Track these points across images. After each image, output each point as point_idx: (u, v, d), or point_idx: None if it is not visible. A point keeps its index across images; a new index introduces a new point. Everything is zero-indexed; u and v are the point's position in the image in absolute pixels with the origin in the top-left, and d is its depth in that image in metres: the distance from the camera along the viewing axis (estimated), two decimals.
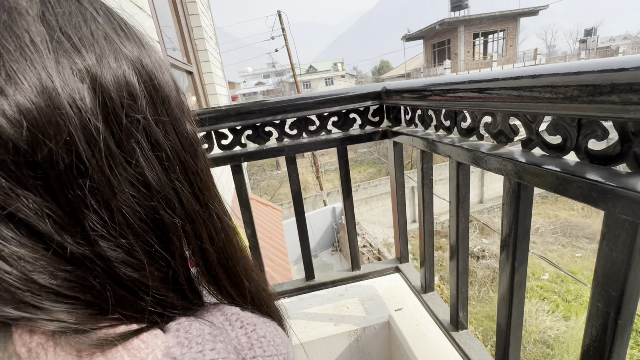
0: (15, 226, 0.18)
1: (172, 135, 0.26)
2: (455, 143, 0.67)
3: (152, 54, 0.26)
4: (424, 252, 0.96)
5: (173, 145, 0.26)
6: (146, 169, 0.23)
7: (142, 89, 0.23)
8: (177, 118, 0.26)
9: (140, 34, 0.26)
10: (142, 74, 0.24)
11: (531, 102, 0.44)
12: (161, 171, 0.24)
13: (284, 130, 0.96)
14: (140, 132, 0.23)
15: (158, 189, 0.24)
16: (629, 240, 0.36)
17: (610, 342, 0.41)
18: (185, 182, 0.26)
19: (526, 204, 0.53)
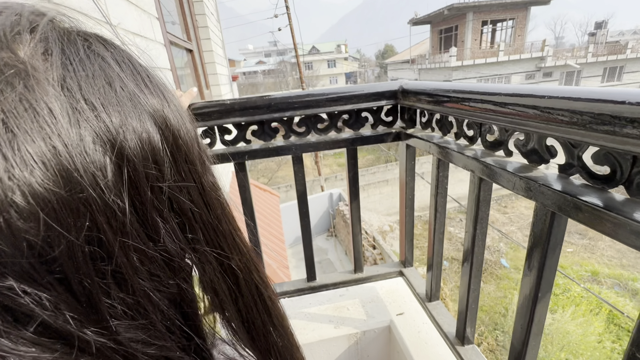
0: (28, 326, 0.16)
1: (197, 198, 0.23)
2: (479, 157, 0.63)
3: (172, 103, 0.23)
4: (432, 259, 0.93)
5: (197, 209, 0.23)
6: (169, 243, 0.21)
7: (166, 150, 0.21)
8: (199, 174, 0.24)
9: (162, 83, 0.24)
10: (166, 132, 0.21)
11: (584, 130, 0.39)
12: (184, 241, 0.22)
13: (292, 127, 0.91)
14: (164, 202, 0.21)
15: (180, 263, 0.22)
16: None
17: None
18: (208, 246, 0.24)
19: (558, 234, 0.49)
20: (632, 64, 18.40)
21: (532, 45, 18.09)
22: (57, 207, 0.15)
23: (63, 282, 0.16)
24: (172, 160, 0.21)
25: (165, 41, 2.10)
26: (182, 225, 0.22)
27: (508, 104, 0.50)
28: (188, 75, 3.43)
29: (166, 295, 0.21)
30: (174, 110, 0.23)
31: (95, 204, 0.17)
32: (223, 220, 0.25)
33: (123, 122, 0.19)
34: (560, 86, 0.43)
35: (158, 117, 0.21)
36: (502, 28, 18.38)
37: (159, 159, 0.20)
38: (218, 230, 0.25)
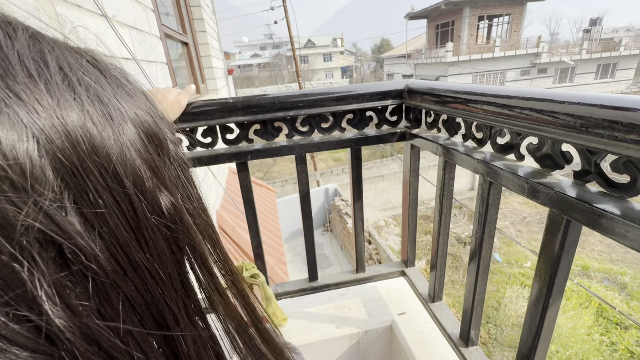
0: None
1: (121, 231, 0.18)
2: (488, 160, 0.62)
3: (95, 99, 0.18)
4: (436, 260, 0.93)
5: (119, 248, 0.18)
6: (50, 311, 0.15)
7: (48, 165, 0.16)
8: (131, 195, 0.18)
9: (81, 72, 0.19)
10: (54, 139, 0.16)
11: (604, 138, 0.38)
12: (88, 307, 0.16)
13: (295, 126, 0.89)
14: (34, 247, 0.15)
15: (76, 343, 0.16)
16: None
17: None
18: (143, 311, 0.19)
19: (572, 242, 0.48)
20: (625, 61, 18.59)
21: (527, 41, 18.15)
22: None
23: None
24: (66, 179, 0.16)
25: (160, 34, 2.05)
26: (79, 275, 0.16)
27: (524, 108, 0.49)
28: (183, 68, 3.36)
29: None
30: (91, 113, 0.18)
31: None
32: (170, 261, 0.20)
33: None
34: (578, 92, 0.42)
35: (44, 123, 0.16)
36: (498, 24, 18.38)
37: (24, 181, 0.15)
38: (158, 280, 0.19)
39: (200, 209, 0.24)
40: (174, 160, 0.22)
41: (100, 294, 0.16)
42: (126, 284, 0.17)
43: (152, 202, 0.19)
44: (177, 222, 0.21)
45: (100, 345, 0.16)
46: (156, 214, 0.19)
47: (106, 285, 0.16)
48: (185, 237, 0.21)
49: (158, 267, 0.19)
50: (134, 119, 0.19)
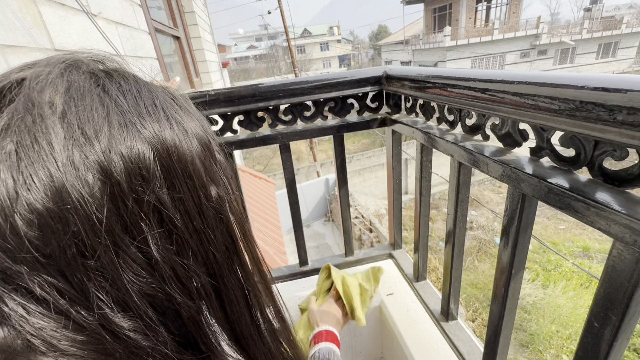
0: (38, 302, 0.21)
1: (191, 208, 0.26)
2: (458, 142, 0.64)
3: (176, 123, 0.27)
4: (419, 242, 0.96)
5: (190, 219, 0.26)
6: (154, 249, 0.24)
7: (157, 166, 0.24)
8: (197, 187, 0.27)
9: (167, 105, 0.28)
10: (160, 149, 0.25)
11: (548, 114, 0.40)
12: (172, 249, 0.25)
13: (278, 116, 0.91)
14: (149, 212, 0.24)
15: (165, 268, 0.25)
16: (636, 271, 0.35)
17: None
18: (200, 258, 0.27)
19: (529, 215, 0.51)
20: (627, 39, 18.26)
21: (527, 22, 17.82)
22: (47, 216, 0.21)
23: (60, 272, 0.22)
24: (164, 173, 0.25)
25: (150, 29, 2.05)
26: (169, 232, 0.25)
27: (481, 89, 0.51)
28: (176, 63, 3.36)
29: (153, 296, 0.25)
30: (175, 126, 0.27)
31: (80, 214, 0.21)
32: (218, 230, 0.28)
33: (111, 144, 0.23)
34: (530, 72, 0.44)
35: (152, 136, 0.25)
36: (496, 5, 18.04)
37: (147, 174, 0.24)
38: (210, 240, 0.28)
39: (235, 199, 0.32)
40: (218, 163, 0.30)
41: (178, 243, 0.25)
42: (192, 239, 0.26)
43: (207, 190, 0.27)
44: (221, 205, 0.29)
45: (176, 274, 0.25)
46: (210, 199, 0.28)
47: (181, 239, 0.26)
48: (228, 218, 0.30)
49: (210, 232, 0.27)
50: (197, 135, 0.28)
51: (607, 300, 0.39)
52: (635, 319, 0.38)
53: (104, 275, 0.22)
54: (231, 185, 0.32)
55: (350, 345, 1.20)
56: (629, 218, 0.34)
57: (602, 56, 18.45)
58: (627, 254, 0.36)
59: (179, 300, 0.26)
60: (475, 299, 6.89)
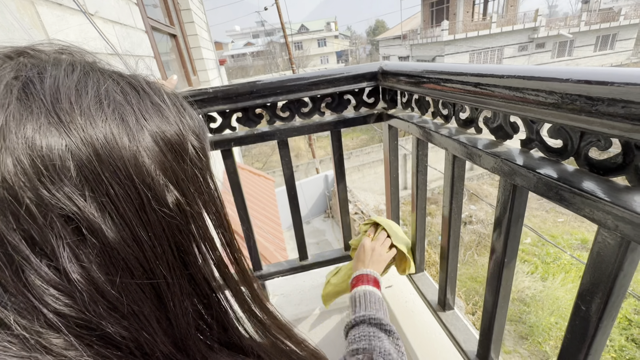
0: None
1: (128, 215, 0.23)
2: (452, 135, 0.66)
3: (119, 117, 0.24)
4: (416, 234, 0.98)
5: (126, 227, 0.23)
6: (67, 263, 0.21)
7: (72, 164, 0.22)
8: (140, 191, 0.24)
9: (117, 97, 0.25)
10: (81, 145, 0.22)
11: (536, 107, 0.42)
12: (97, 263, 0.22)
13: (276, 112, 0.92)
14: (58, 219, 0.21)
15: (84, 286, 0.22)
16: (619, 257, 0.37)
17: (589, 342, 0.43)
18: (141, 273, 0.24)
19: (520, 205, 0.53)
20: (625, 31, 18.20)
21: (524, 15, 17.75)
22: None
23: None
24: (85, 175, 0.22)
25: (146, 27, 2.06)
26: (92, 243, 0.22)
27: (473, 83, 0.52)
28: (173, 61, 3.35)
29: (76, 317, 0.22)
30: (113, 127, 0.24)
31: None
32: (169, 241, 0.26)
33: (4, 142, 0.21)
34: (519, 66, 0.46)
35: (76, 134, 0.22)
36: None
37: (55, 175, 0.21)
38: (157, 253, 0.25)
39: (212, 202, 0.30)
40: (193, 164, 0.28)
41: (105, 256, 0.22)
42: (127, 251, 0.23)
43: (158, 195, 0.24)
44: (181, 212, 0.26)
45: (101, 292, 0.22)
46: (162, 205, 0.24)
47: (110, 251, 0.22)
48: (188, 224, 0.27)
49: (157, 243, 0.24)
50: (154, 132, 0.25)
51: (592, 284, 0.41)
52: (619, 301, 0.40)
53: (15, 296, 0.20)
54: (211, 188, 0.30)
55: None
56: (612, 205, 0.36)
57: (600, 48, 18.41)
58: (610, 239, 0.38)
59: (106, 324, 0.22)
60: (475, 292, 6.94)
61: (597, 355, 0.44)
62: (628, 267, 0.38)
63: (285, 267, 1.13)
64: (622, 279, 0.38)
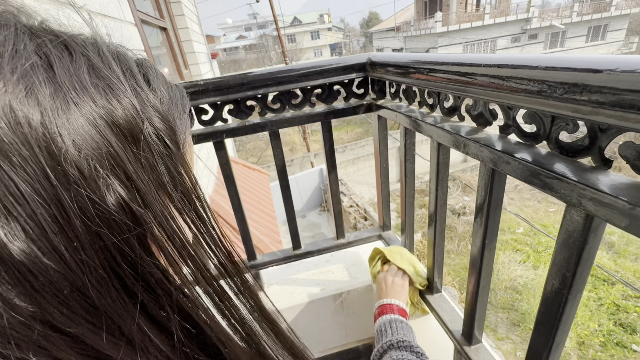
0: None
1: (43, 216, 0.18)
2: (437, 123, 0.68)
3: (28, 88, 0.18)
4: (405, 221, 1.01)
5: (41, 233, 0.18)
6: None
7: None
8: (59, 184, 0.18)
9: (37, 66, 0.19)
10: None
11: (509, 93, 0.44)
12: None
13: (267, 104, 0.94)
14: None
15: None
16: (585, 231, 0.40)
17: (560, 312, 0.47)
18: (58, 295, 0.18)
19: (499, 189, 0.56)
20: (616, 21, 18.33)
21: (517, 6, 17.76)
22: None
23: None
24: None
25: (136, 20, 2.03)
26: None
27: (454, 72, 0.54)
28: (165, 55, 3.32)
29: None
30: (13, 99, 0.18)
31: None
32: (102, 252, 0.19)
33: None
34: (496, 54, 0.48)
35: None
36: None
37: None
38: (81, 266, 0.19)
39: (186, 197, 0.24)
40: (154, 152, 0.22)
41: (15, 276, 0.16)
42: (43, 269, 0.17)
43: (90, 192, 0.18)
44: (129, 214, 0.20)
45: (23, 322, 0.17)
46: (94, 205, 0.18)
47: (20, 269, 0.16)
48: (145, 227, 0.21)
49: (85, 255, 0.18)
50: (89, 109, 0.19)
51: (562, 259, 0.44)
52: (586, 274, 0.43)
53: None
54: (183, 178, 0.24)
55: (344, 323, 1.26)
56: (578, 184, 0.39)
57: (591, 39, 18.54)
58: (576, 215, 0.41)
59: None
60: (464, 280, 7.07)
61: (567, 325, 0.47)
62: (592, 241, 0.41)
63: (279, 256, 1.16)
64: (587, 252, 0.41)
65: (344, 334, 1.28)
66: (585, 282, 0.44)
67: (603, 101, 0.32)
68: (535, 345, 0.52)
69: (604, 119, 0.33)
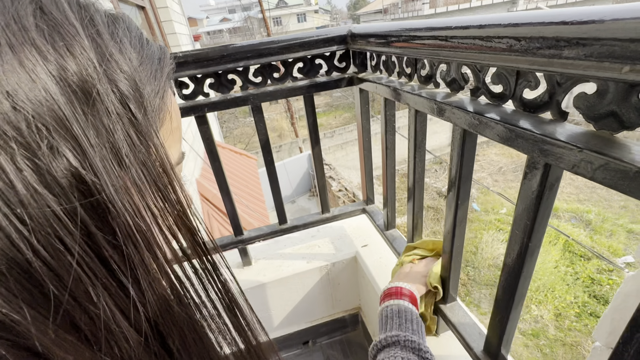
0: None
1: None
2: (414, 91, 0.70)
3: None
4: (387, 194, 1.04)
5: None
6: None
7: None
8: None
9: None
10: None
11: (477, 52, 0.46)
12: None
13: (248, 77, 0.93)
14: None
15: None
16: (543, 180, 0.43)
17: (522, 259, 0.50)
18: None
19: (471, 149, 0.58)
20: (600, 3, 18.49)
21: None
22: None
23: None
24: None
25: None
26: None
27: (427, 36, 0.56)
28: None
29: None
30: None
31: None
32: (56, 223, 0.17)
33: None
34: (463, 17, 0.49)
35: None
36: None
37: None
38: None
39: (146, 168, 0.21)
40: (113, 117, 0.20)
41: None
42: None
43: (32, 153, 0.16)
44: (81, 183, 0.18)
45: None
46: (39, 167, 0.17)
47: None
48: (95, 194, 0.19)
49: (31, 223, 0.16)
50: (34, 63, 0.17)
51: (523, 209, 0.47)
52: (545, 221, 0.47)
53: None
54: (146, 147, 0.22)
55: (331, 295, 1.30)
56: (539, 135, 0.41)
57: None
58: (536, 166, 0.44)
59: None
60: None
61: (528, 274, 0.51)
62: (549, 190, 0.44)
63: (265, 231, 1.18)
64: (545, 200, 0.45)
65: (331, 305, 1.32)
66: (544, 231, 0.48)
67: (556, 53, 0.35)
68: (500, 297, 0.56)
69: (557, 69, 0.36)
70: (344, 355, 1.32)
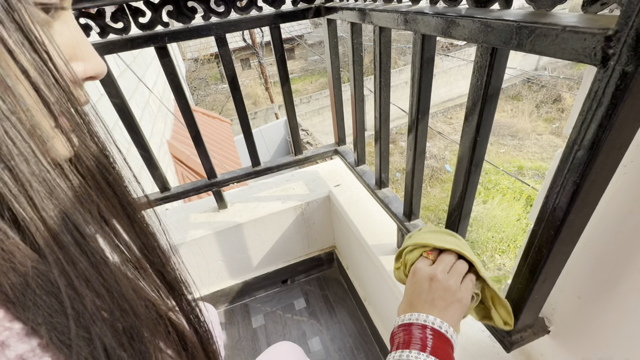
0: None
1: None
2: (378, 7, 0.69)
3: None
4: (356, 132, 1.06)
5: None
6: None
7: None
8: None
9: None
10: None
11: None
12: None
13: (210, 6, 0.88)
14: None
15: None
16: (489, 65, 0.46)
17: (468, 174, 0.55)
18: None
19: (430, 50, 0.60)
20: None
21: None
22: None
23: None
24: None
25: None
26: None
27: None
28: None
29: None
30: None
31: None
32: None
33: None
34: None
35: None
36: None
37: None
38: None
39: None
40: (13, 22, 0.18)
41: None
42: None
43: None
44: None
45: None
46: None
47: None
48: None
49: None
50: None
51: (473, 103, 0.51)
52: (493, 110, 0.50)
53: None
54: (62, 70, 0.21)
55: (306, 235, 1.36)
56: (485, 20, 0.43)
57: None
58: (483, 52, 0.46)
59: None
60: (427, 219, 7.71)
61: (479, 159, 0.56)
62: (494, 73, 0.47)
63: (239, 173, 1.18)
64: (492, 86, 0.48)
65: (307, 244, 1.38)
66: (492, 121, 0.52)
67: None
68: (455, 190, 0.62)
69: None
70: (321, 289, 1.41)
